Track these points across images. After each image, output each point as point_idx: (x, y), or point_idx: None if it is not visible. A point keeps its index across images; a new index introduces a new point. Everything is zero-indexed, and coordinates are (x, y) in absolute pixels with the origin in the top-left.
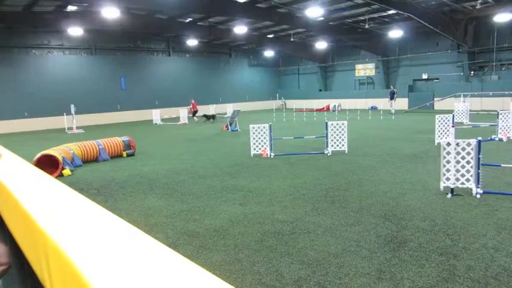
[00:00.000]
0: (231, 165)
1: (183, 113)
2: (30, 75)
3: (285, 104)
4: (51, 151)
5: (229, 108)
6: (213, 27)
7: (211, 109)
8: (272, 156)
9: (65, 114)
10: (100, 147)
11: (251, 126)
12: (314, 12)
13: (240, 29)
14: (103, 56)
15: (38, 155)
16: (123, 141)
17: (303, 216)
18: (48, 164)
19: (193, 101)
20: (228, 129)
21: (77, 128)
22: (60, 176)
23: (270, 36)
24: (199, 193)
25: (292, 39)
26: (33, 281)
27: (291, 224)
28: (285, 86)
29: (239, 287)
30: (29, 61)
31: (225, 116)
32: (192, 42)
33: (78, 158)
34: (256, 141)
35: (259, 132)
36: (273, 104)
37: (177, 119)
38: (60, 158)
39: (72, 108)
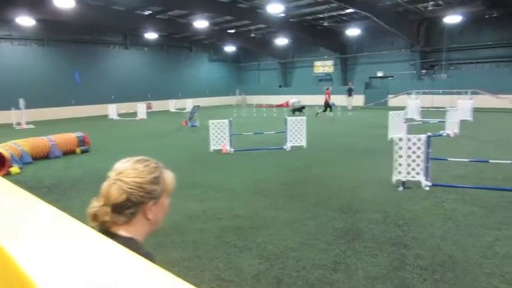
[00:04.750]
0: (190, 161)
1: (141, 107)
2: None
3: (245, 99)
4: None
5: (189, 104)
6: (172, 20)
7: (170, 104)
8: (232, 152)
9: (13, 108)
10: (52, 143)
11: (211, 121)
12: (275, 9)
13: (201, 23)
14: (56, 47)
15: None
16: (77, 137)
17: (262, 211)
18: None
19: (328, 90)
20: (187, 124)
21: (27, 123)
22: (7, 175)
23: (231, 31)
24: None
25: (253, 35)
26: None
27: (250, 219)
28: (246, 81)
29: (198, 284)
30: None
31: (184, 111)
32: (150, 35)
33: (27, 155)
34: (216, 136)
35: (219, 128)
36: (234, 99)
37: (135, 114)
38: (7, 155)
39: (21, 102)
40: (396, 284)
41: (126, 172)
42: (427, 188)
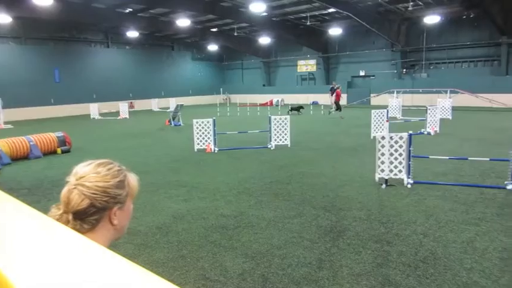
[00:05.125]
0: (174, 161)
1: (123, 107)
2: None
3: (229, 98)
4: None
5: (172, 103)
6: (154, 18)
7: (152, 103)
8: (216, 151)
9: None
10: (31, 143)
11: (195, 120)
12: (257, 8)
13: (183, 21)
14: (34, 45)
15: None
16: (57, 137)
17: (247, 210)
18: None
19: (339, 90)
20: (171, 124)
21: (5, 123)
22: None
23: (214, 30)
24: (140, 189)
25: (236, 34)
26: None
27: (235, 218)
28: (229, 80)
29: (183, 284)
30: None
31: (168, 110)
32: (132, 33)
33: (5, 156)
34: (200, 136)
35: (203, 127)
36: (217, 98)
37: (117, 113)
38: None
39: None
40: (380, 280)
41: (87, 176)
42: (409, 186)
